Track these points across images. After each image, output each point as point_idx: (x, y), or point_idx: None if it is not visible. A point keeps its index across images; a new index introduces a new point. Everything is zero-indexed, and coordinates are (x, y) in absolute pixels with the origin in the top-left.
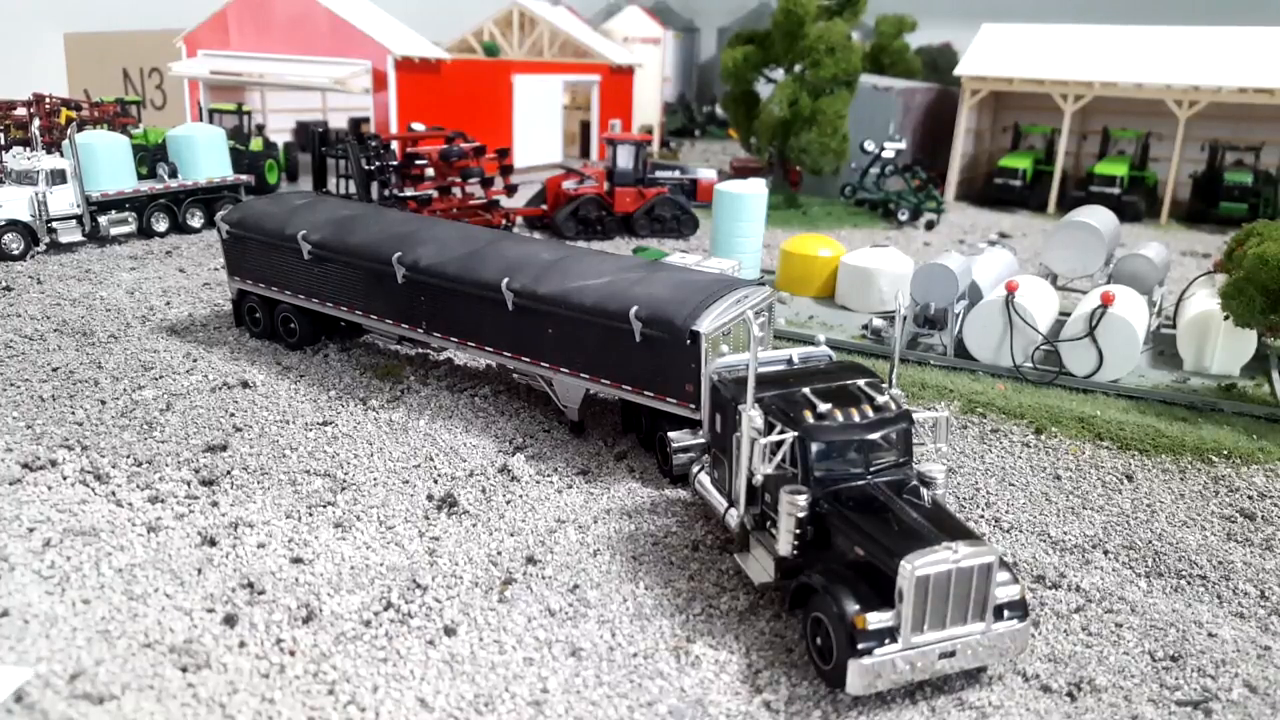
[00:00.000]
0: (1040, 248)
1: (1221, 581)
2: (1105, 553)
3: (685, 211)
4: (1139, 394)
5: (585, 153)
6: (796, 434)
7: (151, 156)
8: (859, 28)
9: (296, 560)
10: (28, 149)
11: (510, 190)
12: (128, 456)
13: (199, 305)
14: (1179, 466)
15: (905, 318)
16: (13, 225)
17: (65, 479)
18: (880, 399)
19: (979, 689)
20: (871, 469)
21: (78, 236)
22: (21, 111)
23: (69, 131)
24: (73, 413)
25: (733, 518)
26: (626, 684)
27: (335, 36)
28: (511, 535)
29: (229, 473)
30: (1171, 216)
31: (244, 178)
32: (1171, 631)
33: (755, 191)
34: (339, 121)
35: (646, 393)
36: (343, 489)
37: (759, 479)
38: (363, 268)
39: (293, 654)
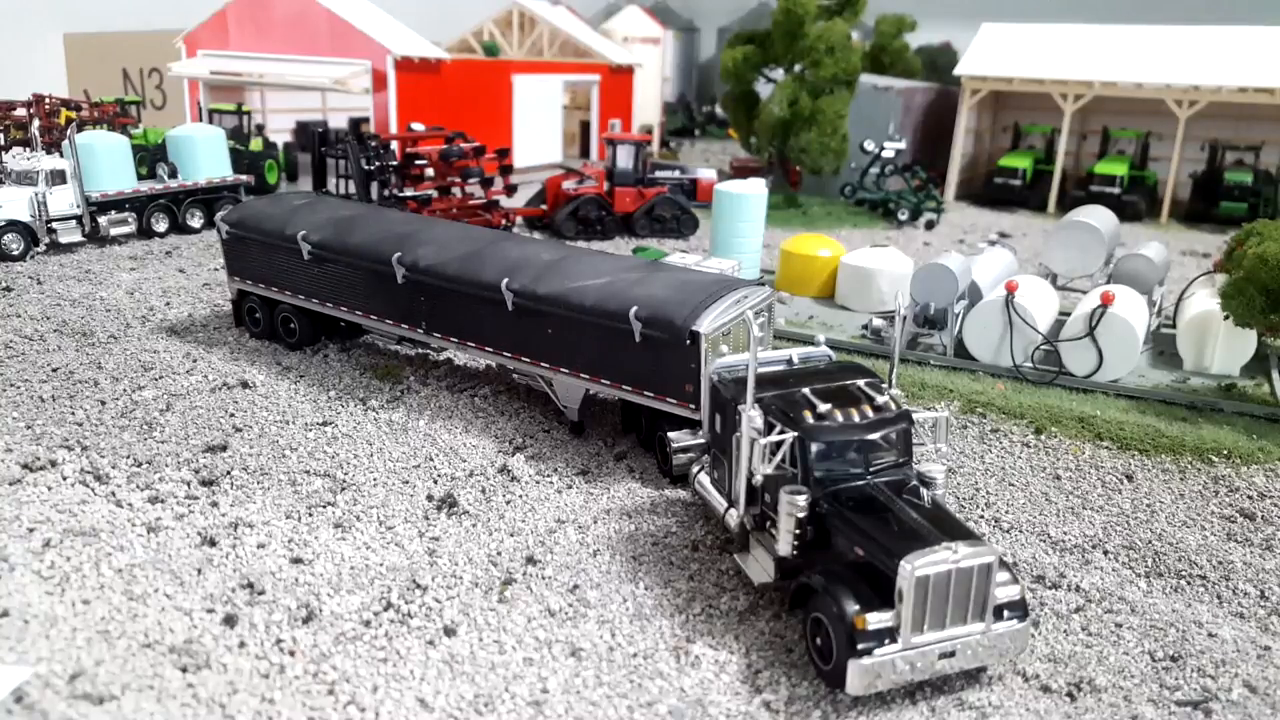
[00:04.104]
0: (1040, 248)
1: (1221, 581)
2: (1105, 553)
3: (685, 211)
4: (1139, 394)
5: (585, 153)
6: (796, 434)
7: (151, 157)
8: (859, 28)
9: (296, 560)
10: (28, 149)
11: (510, 190)
12: (128, 457)
13: (199, 305)
14: (1179, 466)
15: (905, 318)
16: (13, 225)
17: (65, 479)
18: (880, 399)
19: (979, 689)
20: (871, 469)
21: (78, 237)
22: (21, 112)
23: (69, 132)
24: (73, 413)
25: (733, 518)
26: (626, 684)
27: (335, 36)
28: (511, 535)
29: (229, 473)
30: (1171, 216)
31: (244, 178)
32: (1171, 631)
33: (755, 191)
34: (339, 121)
35: (646, 393)
36: (343, 489)
37: (759, 479)
38: (363, 268)
39: (293, 654)
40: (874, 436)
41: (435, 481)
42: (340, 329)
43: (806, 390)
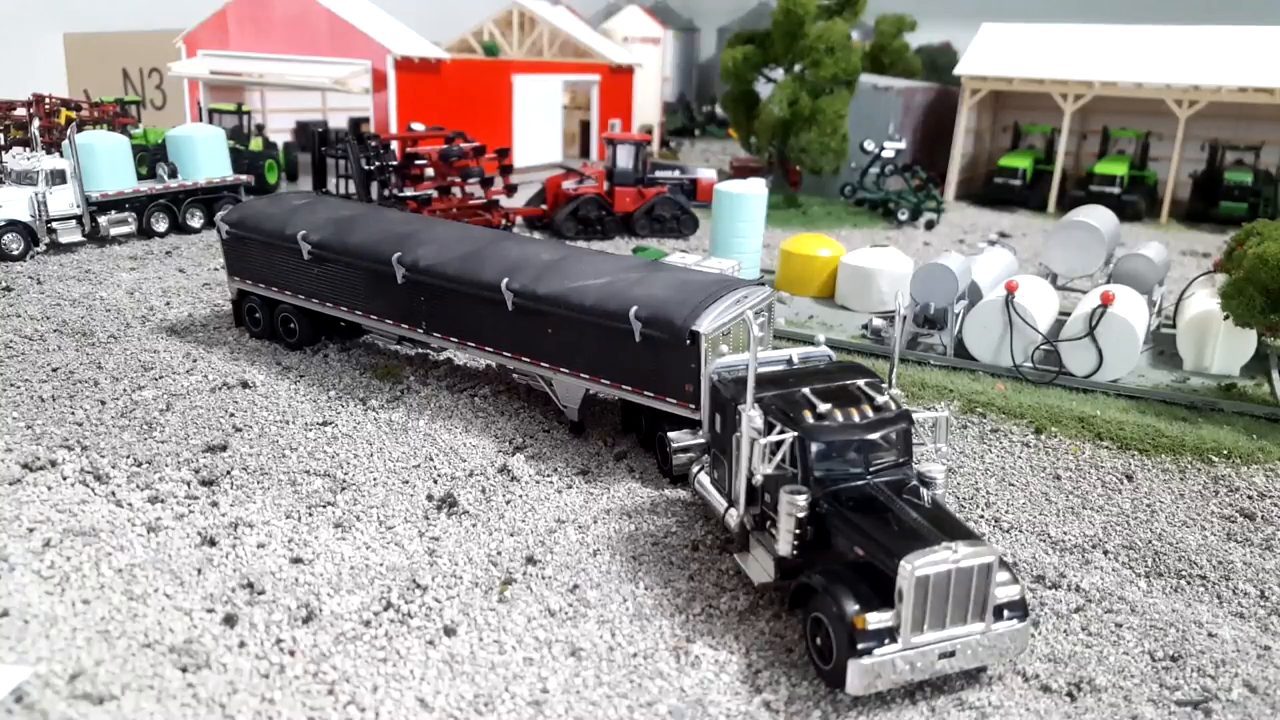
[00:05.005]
0: (1040, 248)
1: (1221, 581)
2: (1105, 553)
3: (685, 211)
4: (1139, 394)
5: (585, 153)
6: (796, 434)
7: (151, 156)
8: (859, 27)
9: (296, 560)
10: (28, 149)
11: (510, 190)
12: (128, 456)
13: (199, 305)
14: (1179, 466)
15: (905, 318)
16: (13, 225)
17: (65, 479)
18: (880, 399)
19: (979, 689)
20: (871, 469)
21: (78, 237)
22: (21, 112)
23: (69, 132)
24: (73, 413)
25: (733, 518)
26: (626, 684)
27: (335, 36)
28: (511, 535)
29: (229, 473)
30: (1171, 216)
31: (244, 178)
32: (1171, 631)
33: (755, 191)
34: (339, 121)
35: (646, 393)
36: (343, 489)
37: (759, 479)
38: (362, 268)
39: (293, 654)
40: (874, 436)
41: (435, 481)
42: (340, 329)
43: (806, 390)
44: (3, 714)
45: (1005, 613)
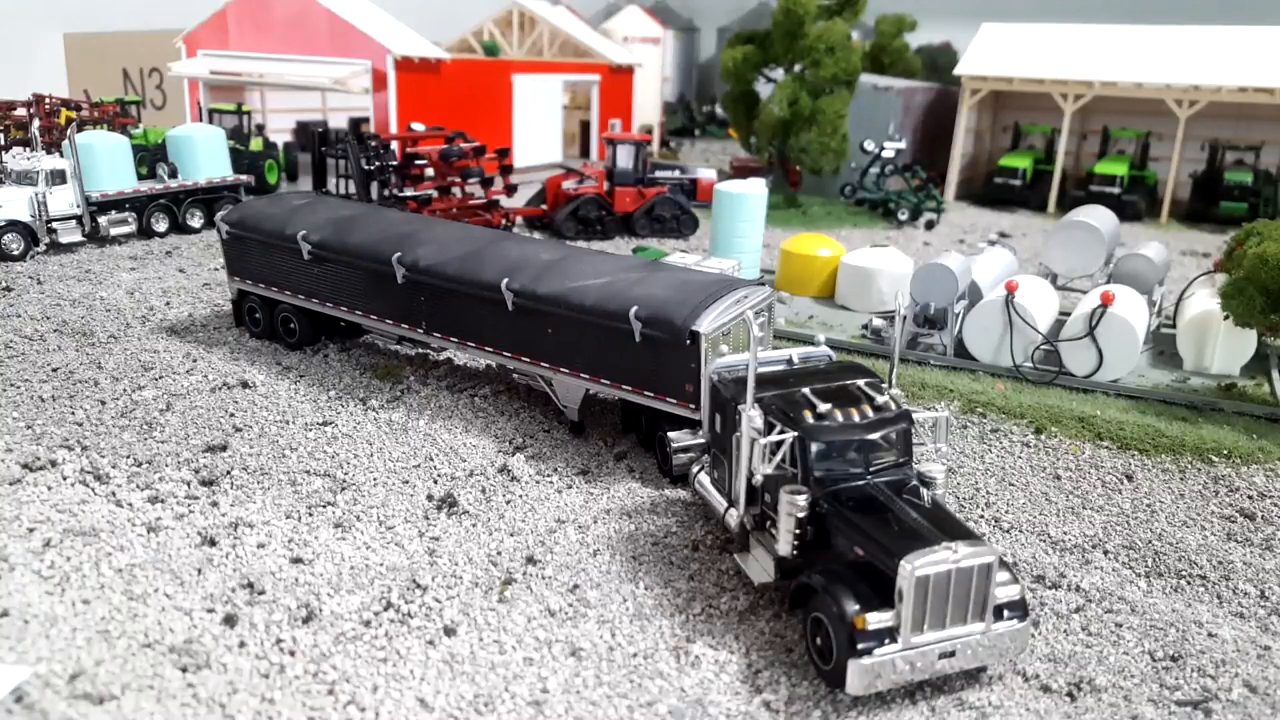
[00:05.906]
0: (1040, 248)
1: (1221, 581)
2: (1105, 553)
3: (685, 211)
4: (1139, 394)
5: (585, 153)
6: (796, 434)
7: (151, 156)
8: (859, 27)
9: (296, 560)
10: (28, 149)
11: (510, 190)
12: (128, 456)
13: (199, 305)
14: (1179, 466)
15: (905, 318)
16: (13, 225)
17: (65, 479)
18: (880, 399)
19: (979, 689)
20: (871, 469)
21: (78, 237)
22: (21, 112)
23: (69, 132)
24: (73, 413)
25: (733, 518)
26: (626, 684)
27: (335, 36)
28: (511, 535)
29: (229, 473)
30: (1171, 216)
31: (244, 178)
32: (1171, 631)
33: (755, 191)
34: (339, 121)
35: (646, 393)
36: (343, 489)
37: (759, 479)
38: (362, 268)
39: (293, 654)
40: (874, 436)
41: (435, 481)
42: (340, 329)
43: (806, 390)
44: (3, 714)
45: (1005, 613)
